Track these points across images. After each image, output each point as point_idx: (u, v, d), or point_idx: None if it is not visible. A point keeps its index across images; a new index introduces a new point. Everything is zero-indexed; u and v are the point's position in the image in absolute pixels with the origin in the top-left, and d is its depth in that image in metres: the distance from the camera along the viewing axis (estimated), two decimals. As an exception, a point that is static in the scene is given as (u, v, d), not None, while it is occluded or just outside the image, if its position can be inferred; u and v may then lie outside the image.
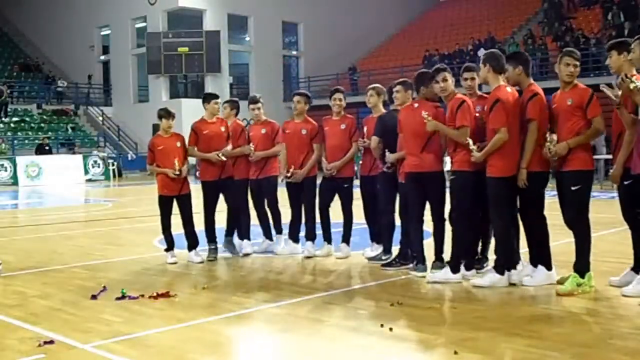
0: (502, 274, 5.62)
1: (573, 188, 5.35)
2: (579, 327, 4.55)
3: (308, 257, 7.23)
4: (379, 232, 7.17)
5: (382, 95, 7.04)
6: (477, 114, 5.90)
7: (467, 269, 5.98)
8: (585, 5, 29.85)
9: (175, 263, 7.13)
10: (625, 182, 5.27)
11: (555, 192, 5.61)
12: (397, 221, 6.82)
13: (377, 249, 7.18)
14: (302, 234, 7.50)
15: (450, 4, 37.17)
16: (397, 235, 6.88)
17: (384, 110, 7.04)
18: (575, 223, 5.42)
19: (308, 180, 7.32)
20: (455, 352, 3.95)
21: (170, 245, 7.27)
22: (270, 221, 7.75)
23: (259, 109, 7.68)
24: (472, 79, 6.06)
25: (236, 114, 7.96)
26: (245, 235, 7.70)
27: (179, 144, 7.25)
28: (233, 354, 4.29)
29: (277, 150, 7.55)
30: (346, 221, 7.27)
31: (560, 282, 5.49)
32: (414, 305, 5.17)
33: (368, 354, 4.10)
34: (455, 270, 5.88)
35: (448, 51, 29.01)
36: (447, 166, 6.18)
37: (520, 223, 5.79)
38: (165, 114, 7.21)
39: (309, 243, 7.37)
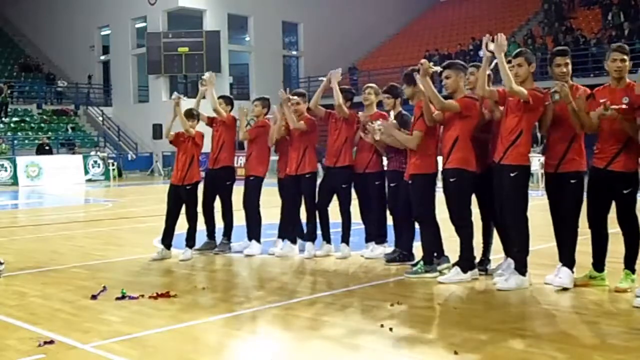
0: (524, 274, 5.57)
1: (625, 191, 5.24)
2: (579, 327, 4.54)
3: (308, 258, 7.22)
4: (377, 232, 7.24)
5: (379, 95, 7.12)
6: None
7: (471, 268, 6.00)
8: (585, 5, 29.86)
9: (156, 259, 7.35)
10: None
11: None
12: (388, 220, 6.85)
13: (376, 249, 7.19)
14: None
15: (450, 4, 37.16)
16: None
17: (376, 110, 7.13)
18: (625, 223, 5.32)
19: (307, 181, 7.30)
20: (455, 352, 3.95)
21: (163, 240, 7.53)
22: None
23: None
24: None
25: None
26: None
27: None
28: (233, 354, 4.28)
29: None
30: (345, 222, 7.23)
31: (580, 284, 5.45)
32: (414, 305, 5.17)
33: (368, 354, 4.10)
34: (465, 269, 5.88)
35: (448, 51, 29.00)
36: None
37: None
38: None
39: (309, 244, 7.35)
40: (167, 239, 7.48)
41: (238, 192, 7.75)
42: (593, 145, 5.45)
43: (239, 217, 7.81)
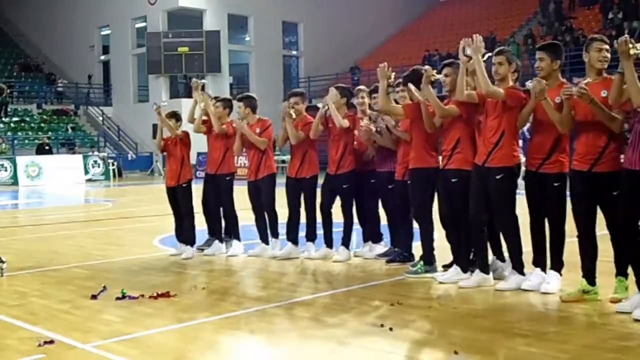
0: (523, 273, 5.57)
1: (615, 193, 4.93)
2: (579, 327, 4.55)
3: (308, 258, 7.20)
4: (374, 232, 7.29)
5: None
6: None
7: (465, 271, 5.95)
8: (585, 5, 29.86)
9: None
10: None
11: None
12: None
13: (374, 249, 7.19)
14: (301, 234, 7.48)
15: (450, 4, 37.16)
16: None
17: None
18: (615, 227, 5.01)
19: (308, 182, 7.27)
20: (455, 352, 3.95)
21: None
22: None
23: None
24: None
25: (229, 113, 7.87)
26: (235, 235, 7.73)
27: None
28: (233, 354, 4.28)
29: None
30: (346, 224, 7.14)
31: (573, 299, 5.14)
32: (414, 305, 5.17)
33: (368, 354, 4.10)
34: (465, 269, 5.87)
35: (448, 51, 28.98)
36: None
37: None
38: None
39: (310, 243, 7.33)
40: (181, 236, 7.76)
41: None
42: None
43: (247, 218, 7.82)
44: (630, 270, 4.92)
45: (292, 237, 7.36)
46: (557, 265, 5.47)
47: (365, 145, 7.06)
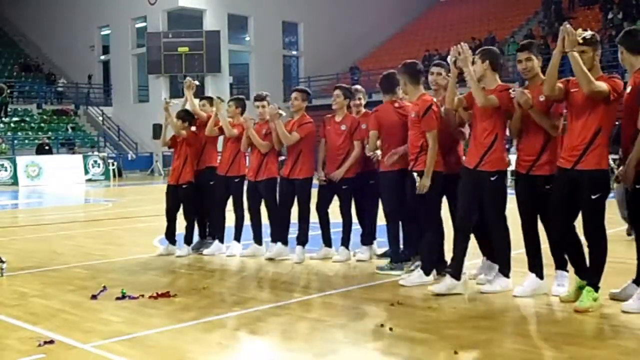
0: (508, 276, 5.52)
1: (593, 197, 4.79)
2: (579, 327, 4.54)
3: (298, 263, 7.03)
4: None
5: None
6: None
7: (439, 272, 5.93)
8: (585, 5, 29.89)
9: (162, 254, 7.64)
10: (638, 186, 4.81)
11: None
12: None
13: (365, 251, 7.19)
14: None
15: (450, 4, 37.19)
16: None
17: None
18: (591, 234, 4.89)
19: (300, 183, 7.16)
20: (455, 352, 3.95)
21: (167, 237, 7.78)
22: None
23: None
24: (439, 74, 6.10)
25: (242, 113, 7.83)
26: (236, 236, 7.71)
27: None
28: (233, 354, 4.28)
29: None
30: (345, 224, 7.14)
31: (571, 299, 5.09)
32: (414, 305, 5.17)
33: (368, 354, 4.10)
34: (428, 272, 5.85)
35: (448, 51, 28.92)
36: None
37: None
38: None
39: (299, 247, 7.17)
40: (171, 236, 7.72)
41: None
42: None
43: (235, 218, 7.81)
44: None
45: (282, 237, 7.29)
46: (562, 265, 5.38)
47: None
